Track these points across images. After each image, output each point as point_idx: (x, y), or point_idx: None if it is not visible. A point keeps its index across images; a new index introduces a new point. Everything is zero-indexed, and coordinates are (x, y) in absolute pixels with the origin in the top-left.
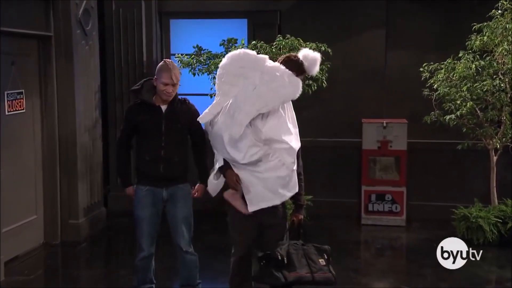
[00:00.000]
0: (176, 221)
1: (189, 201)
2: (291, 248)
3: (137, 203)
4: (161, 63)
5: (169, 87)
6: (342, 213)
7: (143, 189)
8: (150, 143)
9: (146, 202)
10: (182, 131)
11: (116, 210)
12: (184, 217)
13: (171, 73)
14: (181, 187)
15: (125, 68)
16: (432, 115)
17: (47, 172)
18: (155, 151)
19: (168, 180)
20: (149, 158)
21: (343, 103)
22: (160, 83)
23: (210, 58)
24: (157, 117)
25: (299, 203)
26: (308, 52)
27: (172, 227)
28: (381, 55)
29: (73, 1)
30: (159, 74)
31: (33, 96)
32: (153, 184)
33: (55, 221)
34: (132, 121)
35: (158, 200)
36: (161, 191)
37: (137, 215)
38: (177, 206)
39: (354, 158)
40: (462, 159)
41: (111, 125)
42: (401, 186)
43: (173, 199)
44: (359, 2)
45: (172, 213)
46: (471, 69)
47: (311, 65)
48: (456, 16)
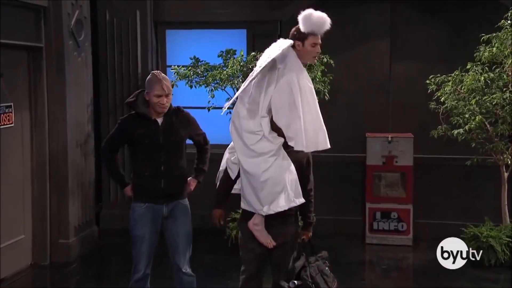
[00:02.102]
0: (175, 238)
1: (189, 217)
2: (311, 269)
3: (135, 222)
4: (149, 76)
5: (162, 99)
6: (346, 231)
7: (142, 206)
8: (149, 158)
9: (146, 220)
10: (180, 144)
11: (109, 229)
12: (184, 233)
13: (162, 83)
14: (181, 202)
15: (119, 80)
16: (440, 129)
17: (36, 189)
18: (155, 166)
19: (169, 196)
20: (148, 173)
21: (346, 116)
22: (153, 95)
23: (208, 70)
24: (154, 131)
25: (308, 221)
26: (308, 12)
27: (170, 245)
28: (385, 66)
29: (65, 10)
30: (149, 87)
31: (23, 110)
32: (153, 201)
33: (44, 240)
34: (127, 134)
35: (158, 217)
36: (161, 208)
37: (135, 235)
38: (177, 222)
39: (358, 174)
40: (471, 175)
41: (104, 139)
42: (407, 204)
43: (173, 215)
44: (362, 11)
45: (172, 230)
46: (479, 82)
47: (306, 24)
48: (464, 26)
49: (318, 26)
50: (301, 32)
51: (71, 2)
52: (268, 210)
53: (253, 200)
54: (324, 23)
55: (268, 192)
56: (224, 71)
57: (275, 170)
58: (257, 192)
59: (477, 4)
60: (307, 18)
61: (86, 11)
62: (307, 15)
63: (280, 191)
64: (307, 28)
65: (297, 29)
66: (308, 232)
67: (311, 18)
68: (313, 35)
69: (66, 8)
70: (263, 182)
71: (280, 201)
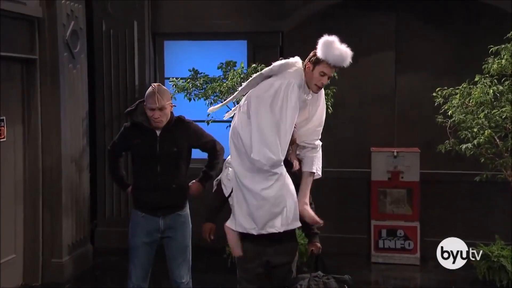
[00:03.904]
0: (174, 251)
1: (188, 229)
2: (312, 284)
3: (133, 229)
4: (149, 89)
5: (155, 112)
6: (350, 250)
7: (139, 215)
8: (146, 169)
9: (140, 230)
10: (179, 155)
11: (104, 247)
12: (184, 247)
13: (155, 97)
14: (180, 214)
15: (115, 93)
16: (447, 143)
17: (28, 206)
18: (151, 177)
19: (166, 208)
20: (145, 185)
21: (350, 130)
22: (147, 108)
23: (207, 82)
24: (151, 141)
25: (313, 232)
26: (331, 39)
27: (169, 258)
28: (390, 79)
29: (61, 21)
30: (146, 99)
31: (15, 124)
32: (150, 213)
33: (36, 260)
34: (127, 142)
35: (154, 230)
36: (157, 221)
37: (130, 244)
38: (177, 235)
39: (362, 190)
40: (480, 191)
41: (99, 154)
42: (414, 221)
43: (171, 228)
44: (367, 22)
45: (170, 243)
46: (488, 95)
47: (324, 51)
48: (471, 37)
49: (336, 59)
50: (317, 56)
51: (66, 12)
52: (260, 230)
53: (244, 217)
54: (344, 59)
55: (266, 212)
56: (224, 83)
57: (277, 190)
58: (252, 209)
59: (485, 15)
60: (327, 45)
61: (82, 21)
62: (329, 43)
63: (279, 212)
64: (324, 56)
65: (314, 52)
66: (317, 243)
67: (332, 48)
68: (327, 65)
69: (62, 18)
70: (262, 200)
71: (276, 222)
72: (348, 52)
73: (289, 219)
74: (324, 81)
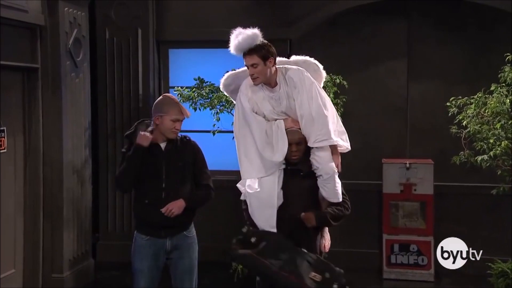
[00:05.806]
0: (180, 273)
1: (195, 251)
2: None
3: (136, 253)
4: (161, 98)
5: (179, 124)
6: (361, 265)
7: (143, 238)
8: (150, 184)
9: (146, 254)
10: (184, 170)
11: (106, 262)
12: (190, 269)
13: (180, 107)
14: (186, 235)
15: (119, 103)
16: (462, 155)
17: (28, 219)
18: (156, 193)
19: (171, 228)
20: (149, 201)
21: (360, 141)
22: (169, 120)
23: (213, 92)
24: (156, 156)
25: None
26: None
27: (175, 281)
28: (402, 88)
29: (63, 29)
30: (164, 110)
31: (16, 134)
32: (155, 234)
33: (36, 275)
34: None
35: (161, 252)
36: (164, 242)
37: (133, 268)
38: (183, 257)
39: (373, 203)
40: (497, 205)
41: (102, 165)
42: (427, 236)
43: (178, 249)
44: (377, 29)
45: (177, 265)
46: (505, 104)
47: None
48: (487, 45)
49: (235, 49)
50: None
51: (69, 20)
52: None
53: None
54: (241, 44)
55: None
56: None
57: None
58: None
59: (501, 22)
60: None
61: (84, 29)
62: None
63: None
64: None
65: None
66: (312, 218)
67: (231, 42)
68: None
69: (64, 26)
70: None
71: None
72: (244, 34)
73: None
74: (251, 71)
